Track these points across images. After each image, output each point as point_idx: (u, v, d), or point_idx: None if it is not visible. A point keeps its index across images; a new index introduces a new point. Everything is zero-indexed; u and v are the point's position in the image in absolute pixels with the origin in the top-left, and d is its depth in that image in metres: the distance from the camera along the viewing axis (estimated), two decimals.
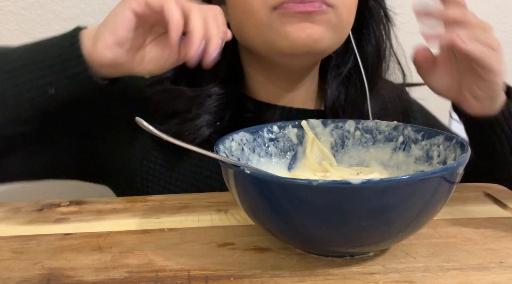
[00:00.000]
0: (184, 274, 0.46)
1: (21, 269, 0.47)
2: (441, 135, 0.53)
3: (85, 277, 0.46)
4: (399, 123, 0.58)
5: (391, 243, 0.49)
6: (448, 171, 0.44)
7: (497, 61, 0.61)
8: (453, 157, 0.50)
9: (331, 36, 0.65)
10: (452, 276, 0.45)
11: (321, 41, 0.64)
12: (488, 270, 0.46)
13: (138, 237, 0.54)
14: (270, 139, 0.59)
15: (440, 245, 0.51)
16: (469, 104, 0.65)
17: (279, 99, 0.76)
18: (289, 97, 0.76)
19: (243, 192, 0.47)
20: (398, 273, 0.46)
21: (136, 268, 0.47)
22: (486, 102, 0.64)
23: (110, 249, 0.51)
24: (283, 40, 0.64)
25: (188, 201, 0.64)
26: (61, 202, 0.64)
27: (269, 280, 0.45)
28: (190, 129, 0.70)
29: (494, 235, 0.53)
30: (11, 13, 0.95)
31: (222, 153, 0.52)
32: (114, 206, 0.63)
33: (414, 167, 0.55)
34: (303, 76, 0.75)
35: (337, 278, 0.45)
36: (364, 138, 0.59)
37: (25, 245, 0.52)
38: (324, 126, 0.60)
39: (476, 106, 0.65)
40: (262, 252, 0.50)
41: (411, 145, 0.56)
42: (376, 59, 0.75)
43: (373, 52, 0.75)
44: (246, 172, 0.44)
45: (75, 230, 0.56)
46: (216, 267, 0.47)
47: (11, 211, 0.61)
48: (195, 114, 0.70)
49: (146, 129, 0.46)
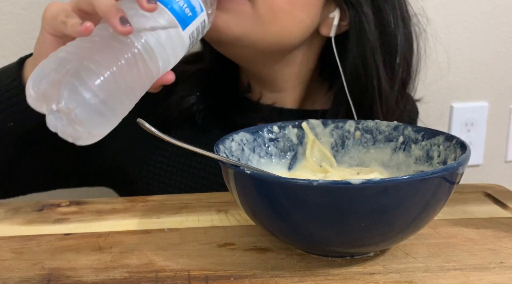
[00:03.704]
0: (184, 274, 0.46)
1: (21, 269, 0.47)
2: (441, 135, 0.53)
3: (85, 277, 0.46)
4: (399, 123, 0.58)
5: (391, 243, 0.49)
6: (449, 171, 0.44)
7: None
8: (453, 157, 0.50)
9: (244, 26, 0.65)
10: (453, 276, 0.45)
11: (224, 29, 0.64)
12: (488, 270, 0.46)
13: (138, 237, 0.54)
14: (270, 140, 0.59)
15: (441, 245, 0.51)
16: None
17: (263, 96, 0.77)
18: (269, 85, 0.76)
19: (243, 192, 0.46)
20: (398, 273, 0.46)
21: (136, 268, 0.47)
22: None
23: (110, 249, 0.51)
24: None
25: (188, 201, 0.64)
26: (61, 202, 0.64)
27: (269, 280, 0.45)
28: (172, 103, 0.73)
29: (494, 235, 0.53)
30: (11, 13, 0.94)
31: (222, 153, 0.52)
32: (114, 206, 0.62)
33: (414, 167, 0.55)
34: (273, 72, 0.74)
35: (337, 278, 0.45)
36: (364, 139, 0.59)
37: (25, 245, 0.52)
38: (324, 127, 0.60)
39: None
40: (262, 252, 0.50)
41: (411, 145, 0.56)
42: (361, 73, 0.71)
43: (355, 66, 0.71)
44: (246, 172, 0.44)
45: (75, 230, 0.56)
46: (216, 267, 0.47)
47: (11, 211, 0.61)
48: (177, 90, 0.73)
49: (148, 130, 0.46)
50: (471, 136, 1.11)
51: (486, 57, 1.08)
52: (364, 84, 0.71)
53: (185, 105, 0.74)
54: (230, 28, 0.65)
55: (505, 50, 1.08)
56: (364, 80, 0.70)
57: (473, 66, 1.07)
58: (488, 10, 1.05)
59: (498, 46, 1.07)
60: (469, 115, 1.10)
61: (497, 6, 1.05)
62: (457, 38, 1.04)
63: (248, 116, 0.75)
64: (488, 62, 1.08)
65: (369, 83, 0.70)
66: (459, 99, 1.09)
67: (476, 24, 1.05)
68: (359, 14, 0.69)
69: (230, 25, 0.65)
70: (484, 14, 1.05)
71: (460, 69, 1.06)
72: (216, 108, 0.76)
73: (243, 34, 0.66)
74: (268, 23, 0.66)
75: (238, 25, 0.65)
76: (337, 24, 0.70)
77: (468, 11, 1.05)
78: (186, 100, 0.73)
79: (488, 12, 1.05)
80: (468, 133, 1.10)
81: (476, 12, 1.05)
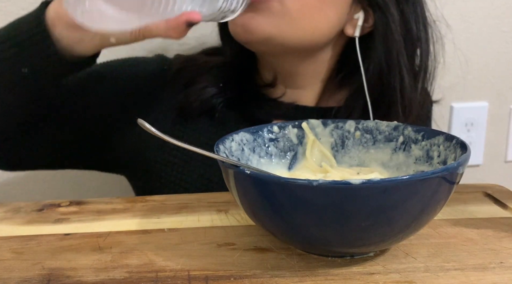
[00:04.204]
0: (184, 274, 0.46)
1: (21, 269, 0.47)
2: (441, 135, 0.53)
3: (85, 277, 0.46)
4: (399, 123, 0.58)
5: (392, 243, 0.49)
6: (449, 171, 0.44)
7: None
8: (453, 157, 0.50)
9: (275, 24, 0.67)
10: (453, 276, 0.45)
11: (256, 30, 0.67)
12: (489, 270, 0.46)
13: (138, 237, 0.54)
14: (270, 140, 0.59)
15: (441, 245, 0.51)
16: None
17: (283, 93, 0.78)
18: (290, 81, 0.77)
19: (243, 192, 0.46)
20: (398, 273, 0.46)
21: (136, 268, 0.47)
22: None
23: (110, 249, 0.51)
24: (231, 29, 0.69)
25: (188, 201, 0.64)
26: (61, 202, 0.64)
27: (269, 280, 0.45)
28: (193, 94, 0.74)
29: (494, 235, 0.53)
30: (11, 13, 0.94)
31: (222, 153, 0.52)
32: (114, 206, 0.62)
33: (414, 167, 0.55)
34: (296, 69, 0.76)
35: (337, 278, 0.45)
36: (364, 139, 0.59)
37: (25, 245, 0.52)
38: (324, 127, 0.60)
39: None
40: (262, 252, 0.50)
41: (411, 145, 0.56)
42: (384, 72, 0.73)
43: (379, 65, 0.73)
44: (246, 172, 0.44)
45: (75, 230, 0.56)
46: (216, 267, 0.47)
47: (11, 211, 0.61)
48: (199, 81, 0.75)
49: (148, 130, 0.46)
50: (471, 136, 1.11)
51: (486, 57, 1.08)
52: (386, 84, 0.73)
53: (206, 96, 0.75)
54: (263, 28, 0.67)
55: (505, 50, 1.08)
56: (386, 80, 0.72)
57: (473, 66, 1.07)
58: (488, 10, 1.05)
59: (498, 46, 1.07)
60: (469, 115, 1.10)
61: (497, 6, 1.05)
62: (457, 38, 1.04)
63: (265, 112, 0.76)
64: (488, 62, 1.08)
65: (392, 83, 0.72)
66: (459, 99, 1.09)
67: (476, 24, 1.05)
68: (385, 15, 0.71)
69: (262, 26, 0.67)
70: (484, 14, 1.05)
71: (460, 69, 1.06)
72: (235, 102, 0.77)
73: (275, 33, 0.68)
74: (298, 19, 0.68)
75: (269, 24, 0.67)
76: (361, 24, 0.72)
77: (468, 11, 1.05)
78: (207, 90, 0.75)
79: (488, 12, 1.05)
80: (468, 133, 1.10)
81: (476, 12, 1.05)
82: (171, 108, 0.77)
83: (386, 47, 0.72)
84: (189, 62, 0.79)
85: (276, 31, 0.67)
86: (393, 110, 0.73)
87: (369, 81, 0.73)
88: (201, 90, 0.75)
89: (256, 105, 0.77)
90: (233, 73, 0.78)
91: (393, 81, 0.72)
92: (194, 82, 0.75)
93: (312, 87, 0.78)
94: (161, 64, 0.81)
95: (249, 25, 0.66)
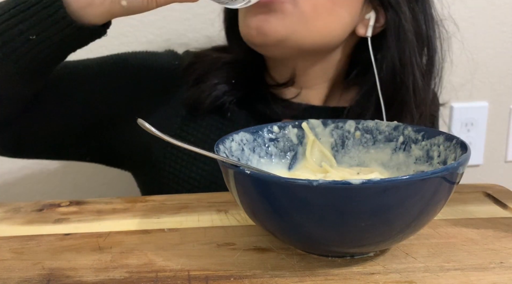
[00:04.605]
0: (184, 274, 0.46)
1: (21, 269, 0.47)
2: (441, 135, 0.53)
3: (85, 277, 0.46)
4: (399, 123, 0.58)
5: (391, 243, 0.49)
6: (449, 171, 0.44)
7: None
8: (453, 157, 0.50)
9: (288, 25, 0.67)
10: (452, 276, 0.45)
11: (270, 32, 0.66)
12: (489, 271, 0.46)
13: (138, 237, 0.54)
14: (270, 140, 0.59)
15: (440, 245, 0.51)
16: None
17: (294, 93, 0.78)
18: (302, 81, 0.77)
19: (243, 192, 0.46)
20: (398, 273, 0.46)
21: (136, 268, 0.47)
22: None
23: (110, 249, 0.51)
24: (243, 32, 0.69)
25: (188, 201, 0.64)
26: (61, 202, 0.64)
27: (269, 280, 0.45)
28: (205, 90, 0.74)
29: (494, 235, 0.53)
30: None
31: (222, 153, 0.52)
32: (114, 206, 0.62)
33: (414, 167, 0.55)
34: (306, 70, 0.76)
35: (337, 278, 0.45)
36: (364, 139, 0.59)
37: (25, 245, 0.52)
38: (324, 127, 0.60)
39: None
40: (262, 252, 0.50)
41: (411, 145, 0.56)
42: (397, 71, 0.73)
43: (392, 64, 0.73)
44: (246, 172, 0.44)
45: (75, 230, 0.56)
46: (216, 267, 0.47)
47: (11, 211, 0.61)
48: (210, 77, 0.74)
49: (148, 130, 0.46)
50: (471, 136, 1.11)
51: (486, 57, 1.08)
52: (400, 83, 0.73)
53: (218, 92, 0.75)
54: (277, 30, 0.67)
55: (505, 50, 1.08)
56: (399, 79, 0.72)
57: (473, 66, 1.07)
58: (488, 10, 1.05)
59: (498, 46, 1.07)
60: (469, 115, 1.10)
61: (497, 6, 1.05)
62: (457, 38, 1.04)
63: (276, 112, 0.76)
64: (488, 62, 1.08)
65: (405, 82, 0.72)
66: (459, 99, 1.09)
67: (476, 24, 1.05)
68: (398, 14, 0.71)
69: (276, 28, 0.67)
70: (484, 14, 1.05)
71: (460, 69, 1.06)
72: (245, 101, 0.77)
73: (289, 34, 0.68)
74: (311, 20, 0.68)
75: (283, 26, 0.67)
76: (373, 24, 0.72)
77: (467, 11, 1.05)
78: (219, 87, 0.75)
79: (488, 12, 1.05)
80: (468, 133, 1.11)
81: (476, 12, 1.05)
82: (181, 103, 0.76)
83: (399, 46, 0.72)
84: (200, 58, 0.79)
85: (290, 33, 0.67)
86: (405, 109, 0.73)
87: (382, 81, 0.73)
88: (213, 87, 0.75)
89: (267, 104, 0.77)
90: (244, 71, 0.77)
91: (406, 80, 0.72)
92: (206, 79, 0.75)
93: (321, 87, 0.78)
94: (172, 59, 0.80)
95: (262, 27, 0.66)
